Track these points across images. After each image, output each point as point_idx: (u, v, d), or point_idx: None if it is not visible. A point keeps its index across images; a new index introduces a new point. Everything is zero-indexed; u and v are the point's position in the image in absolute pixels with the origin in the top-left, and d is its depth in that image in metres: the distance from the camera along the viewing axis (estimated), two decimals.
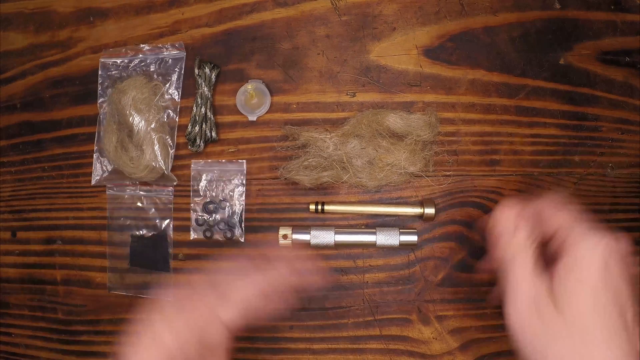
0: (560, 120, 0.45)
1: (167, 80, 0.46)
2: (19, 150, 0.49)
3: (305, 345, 0.44)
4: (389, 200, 0.45)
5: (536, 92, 0.45)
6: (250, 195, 0.45)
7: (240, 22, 0.47)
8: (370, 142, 0.43)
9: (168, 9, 0.48)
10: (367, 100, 0.45)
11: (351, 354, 0.44)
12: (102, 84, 0.47)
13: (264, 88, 0.45)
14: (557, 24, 0.46)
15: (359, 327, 0.44)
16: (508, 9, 0.46)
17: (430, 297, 0.44)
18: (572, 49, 0.45)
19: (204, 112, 0.45)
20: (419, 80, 0.45)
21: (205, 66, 0.45)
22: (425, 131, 0.42)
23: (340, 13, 0.46)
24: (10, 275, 0.48)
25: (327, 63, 0.46)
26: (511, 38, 0.46)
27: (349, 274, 0.44)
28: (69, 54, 0.48)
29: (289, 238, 0.43)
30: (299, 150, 0.44)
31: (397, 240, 0.42)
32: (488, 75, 0.45)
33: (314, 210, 0.44)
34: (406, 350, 0.43)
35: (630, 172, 0.45)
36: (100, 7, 0.48)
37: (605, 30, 0.46)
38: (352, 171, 0.43)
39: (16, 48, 0.49)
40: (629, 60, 0.45)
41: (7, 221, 0.49)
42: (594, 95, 0.45)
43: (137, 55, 0.47)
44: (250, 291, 0.34)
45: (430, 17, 0.46)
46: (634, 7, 0.46)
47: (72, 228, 0.47)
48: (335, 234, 0.43)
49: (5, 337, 0.48)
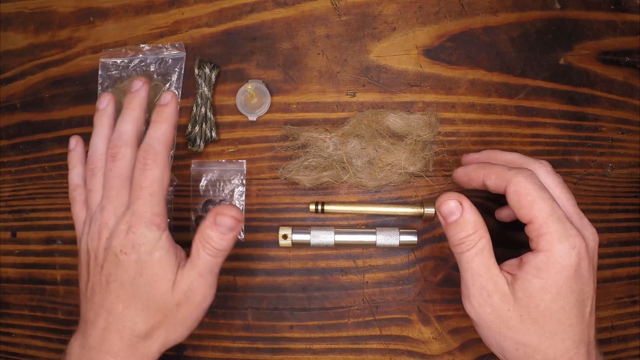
0: (560, 120, 0.45)
1: (167, 80, 0.46)
2: (19, 150, 0.49)
3: (305, 345, 0.44)
4: (389, 200, 0.45)
5: (536, 92, 0.45)
6: (250, 195, 0.45)
7: (240, 22, 0.47)
8: (370, 142, 0.43)
9: (168, 9, 0.48)
10: (367, 100, 0.45)
11: (351, 354, 0.44)
12: (102, 84, 0.47)
13: (264, 88, 0.45)
14: (557, 24, 0.46)
15: (359, 327, 0.44)
16: (508, 9, 0.46)
17: (430, 297, 0.44)
18: (572, 49, 0.45)
19: (204, 112, 0.45)
20: (419, 80, 0.45)
21: (205, 66, 0.45)
22: (425, 131, 0.42)
23: (340, 13, 0.46)
24: (10, 275, 0.48)
25: (327, 63, 0.46)
26: (511, 38, 0.46)
27: (349, 274, 0.44)
28: (69, 54, 0.48)
29: (289, 238, 0.43)
30: (299, 150, 0.44)
31: (397, 240, 0.42)
32: (488, 75, 0.45)
33: (314, 210, 0.44)
34: (406, 350, 0.43)
35: (630, 172, 0.45)
36: (100, 7, 0.48)
37: (605, 30, 0.46)
38: (352, 171, 0.43)
39: (16, 48, 0.49)
40: (629, 60, 0.46)
41: (7, 221, 0.49)
42: (594, 95, 0.45)
43: (137, 55, 0.47)
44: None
45: (430, 17, 0.46)
46: (634, 7, 0.46)
47: (72, 228, 0.47)
48: (335, 234, 0.43)
49: (5, 337, 0.48)
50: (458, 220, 0.32)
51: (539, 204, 0.31)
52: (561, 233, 0.30)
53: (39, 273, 0.48)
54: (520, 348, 0.31)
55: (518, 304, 0.31)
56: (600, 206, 0.45)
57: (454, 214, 0.32)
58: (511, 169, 0.33)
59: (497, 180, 0.33)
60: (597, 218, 0.45)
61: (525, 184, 0.31)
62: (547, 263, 0.30)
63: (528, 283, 0.31)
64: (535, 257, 0.31)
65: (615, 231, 0.45)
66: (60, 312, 0.47)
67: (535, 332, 0.31)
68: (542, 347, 0.31)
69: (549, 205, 0.31)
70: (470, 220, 0.32)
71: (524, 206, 0.31)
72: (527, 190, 0.31)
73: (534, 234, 0.31)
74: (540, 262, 0.31)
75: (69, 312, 0.47)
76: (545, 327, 0.31)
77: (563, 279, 0.30)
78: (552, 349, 0.31)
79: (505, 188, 0.32)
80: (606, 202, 0.45)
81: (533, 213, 0.31)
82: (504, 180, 0.32)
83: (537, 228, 0.31)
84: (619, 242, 0.45)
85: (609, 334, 0.44)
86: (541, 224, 0.31)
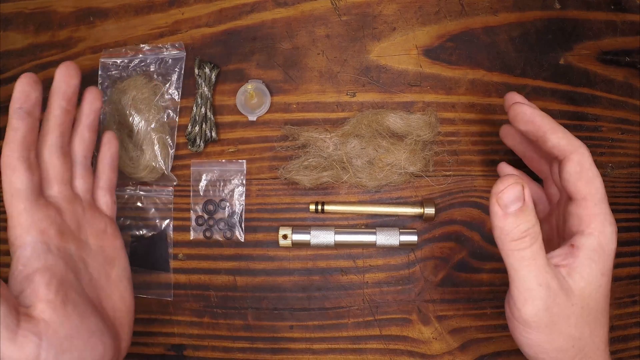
0: (560, 120, 0.45)
1: (167, 80, 0.46)
2: None
3: (305, 345, 0.44)
4: (389, 200, 0.45)
5: (536, 92, 0.45)
6: (250, 195, 0.45)
7: (240, 22, 0.47)
8: (370, 142, 0.43)
9: (168, 9, 0.48)
10: (367, 100, 0.45)
11: (351, 354, 0.44)
12: (102, 84, 0.47)
13: (264, 88, 0.45)
14: (557, 24, 0.46)
15: (359, 327, 0.44)
16: (508, 9, 0.46)
17: (430, 297, 0.44)
18: (572, 49, 0.45)
19: (204, 112, 0.45)
20: (419, 80, 0.45)
21: (205, 66, 0.45)
22: (425, 131, 0.42)
23: (340, 13, 0.46)
24: None
25: (327, 63, 0.46)
26: (511, 38, 0.46)
27: (349, 274, 0.44)
28: (69, 54, 0.48)
29: (289, 238, 0.43)
30: (299, 150, 0.44)
31: (397, 240, 0.42)
32: (488, 75, 0.45)
33: (314, 210, 0.44)
34: (406, 350, 0.43)
35: (630, 172, 0.45)
36: (100, 7, 0.48)
37: (605, 30, 0.46)
38: (352, 171, 0.43)
39: (16, 48, 0.49)
40: (629, 60, 0.46)
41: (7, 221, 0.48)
42: (594, 95, 0.45)
43: (137, 55, 0.47)
44: None
45: (430, 17, 0.46)
46: (634, 7, 0.46)
47: None
48: (335, 234, 0.43)
49: None
50: (522, 208, 0.27)
51: (597, 182, 0.30)
52: (609, 217, 0.30)
53: None
54: (576, 344, 0.29)
55: (580, 296, 0.29)
56: None
57: (518, 202, 0.27)
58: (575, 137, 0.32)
59: (563, 141, 0.31)
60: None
61: (589, 158, 0.31)
62: (601, 245, 0.30)
63: (589, 270, 0.29)
64: (589, 240, 0.30)
65: None
66: None
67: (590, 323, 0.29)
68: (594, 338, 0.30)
69: (603, 187, 0.30)
70: (533, 209, 0.27)
71: (584, 179, 0.30)
72: (590, 165, 0.30)
73: (585, 212, 0.30)
74: (596, 245, 0.29)
75: None
76: (598, 316, 0.30)
77: (611, 262, 0.30)
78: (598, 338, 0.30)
79: (568, 154, 0.31)
80: None
81: (590, 190, 0.30)
82: (571, 146, 0.31)
83: (591, 206, 0.30)
84: (619, 242, 0.44)
85: (609, 334, 0.44)
86: (596, 203, 0.30)
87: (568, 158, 0.31)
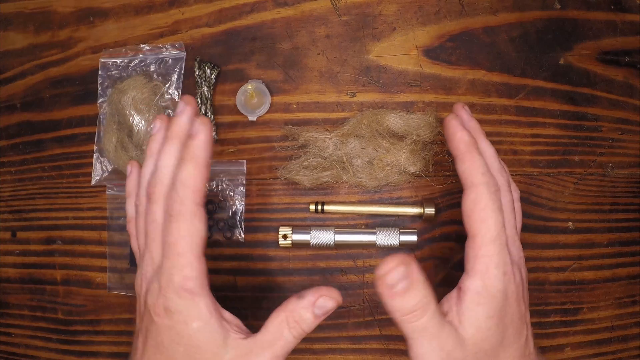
0: (560, 120, 0.45)
1: (167, 80, 0.46)
2: (19, 150, 0.49)
3: (305, 345, 0.44)
4: (389, 200, 0.45)
5: (536, 92, 0.45)
6: (250, 195, 0.45)
7: (240, 22, 0.47)
8: (370, 142, 0.43)
9: (168, 9, 0.48)
10: (367, 100, 0.45)
11: (351, 354, 0.44)
12: (102, 84, 0.47)
13: (264, 88, 0.45)
14: (557, 24, 0.46)
15: (359, 327, 0.44)
16: (508, 9, 0.46)
17: None
18: (572, 49, 0.45)
19: (204, 112, 0.45)
20: (419, 80, 0.45)
21: (205, 66, 0.45)
22: (425, 131, 0.42)
23: (340, 13, 0.46)
24: (10, 275, 0.48)
25: (327, 63, 0.46)
26: (511, 38, 0.46)
27: (349, 274, 0.44)
28: (69, 54, 0.48)
29: (289, 238, 0.43)
30: (299, 150, 0.44)
31: (397, 240, 0.42)
32: (488, 75, 0.45)
33: (314, 210, 0.44)
34: (406, 350, 0.43)
35: (630, 172, 0.45)
36: (100, 7, 0.48)
37: (605, 30, 0.46)
38: (352, 171, 0.43)
39: (16, 48, 0.49)
40: (629, 60, 0.46)
41: (7, 221, 0.49)
42: (594, 95, 0.45)
43: (137, 55, 0.47)
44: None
45: (430, 17, 0.46)
46: (634, 7, 0.46)
47: (72, 228, 0.47)
48: (335, 234, 0.43)
49: (5, 337, 0.48)
50: (409, 286, 0.27)
51: (489, 222, 0.29)
52: (496, 258, 0.29)
53: (38, 273, 0.48)
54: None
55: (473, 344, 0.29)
56: (600, 206, 0.45)
57: (405, 279, 0.27)
58: (485, 172, 0.31)
59: (465, 173, 0.31)
60: (597, 218, 0.45)
61: (488, 196, 0.30)
62: (486, 287, 0.29)
63: (475, 314, 0.29)
64: (474, 282, 0.29)
65: (615, 231, 0.45)
66: (60, 312, 0.47)
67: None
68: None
69: (498, 228, 0.29)
70: (421, 282, 0.27)
71: (475, 217, 0.30)
72: (487, 204, 0.30)
73: (473, 252, 0.30)
74: (480, 288, 0.29)
75: (69, 312, 0.47)
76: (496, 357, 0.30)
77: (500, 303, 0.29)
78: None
79: (467, 188, 0.31)
80: (606, 202, 0.45)
81: (480, 229, 0.30)
82: (470, 180, 0.30)
83: (478, 246, 0.30)
84: (619, 242, 0.45)
85: (609, 334, 0.44)
86: (485, 244, 0.29)
87: (466, 192, 0.31)
